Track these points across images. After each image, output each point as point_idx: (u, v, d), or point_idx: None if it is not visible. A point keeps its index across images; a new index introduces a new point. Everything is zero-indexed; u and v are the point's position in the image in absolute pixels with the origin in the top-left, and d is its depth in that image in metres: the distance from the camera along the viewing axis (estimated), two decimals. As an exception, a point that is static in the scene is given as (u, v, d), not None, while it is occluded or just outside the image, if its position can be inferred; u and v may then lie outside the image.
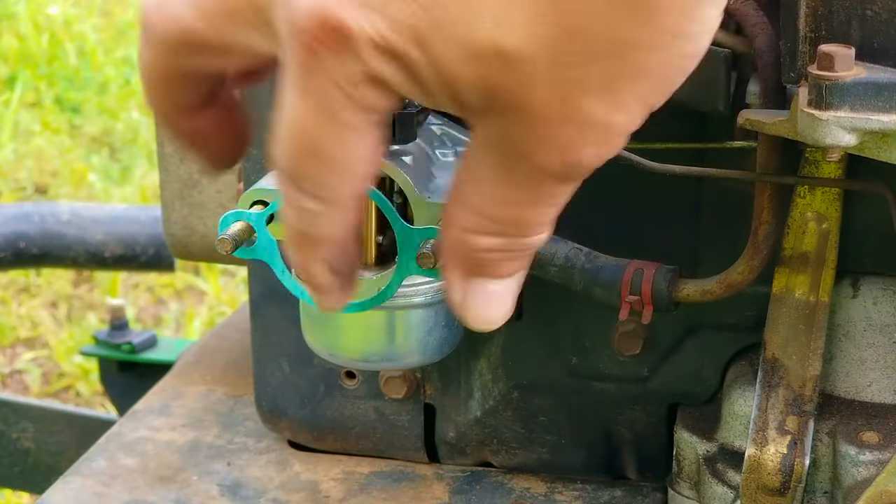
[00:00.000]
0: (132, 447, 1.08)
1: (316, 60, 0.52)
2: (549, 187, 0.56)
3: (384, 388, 1.03)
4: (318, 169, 0.55)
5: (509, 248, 0.58)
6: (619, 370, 0.98)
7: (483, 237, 0.57)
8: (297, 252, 0.60)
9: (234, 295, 3.06)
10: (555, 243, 0.91)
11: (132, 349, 1.56)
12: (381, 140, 0.56)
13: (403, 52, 0.51)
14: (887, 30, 0.77)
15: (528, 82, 0.51)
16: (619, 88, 0.52)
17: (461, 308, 0.60)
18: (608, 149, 0.54)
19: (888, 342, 0.91)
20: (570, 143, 0.53)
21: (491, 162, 0.55)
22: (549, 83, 0.51)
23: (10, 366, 2.88)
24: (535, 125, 0.52)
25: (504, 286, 0.60)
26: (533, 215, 0.57)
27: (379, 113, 0.54)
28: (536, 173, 0.55)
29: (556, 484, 1.03)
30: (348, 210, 0.57)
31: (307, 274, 0.60)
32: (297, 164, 0.55)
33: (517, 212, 0.56)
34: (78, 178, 3.57)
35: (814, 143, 0.75)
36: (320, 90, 0.52)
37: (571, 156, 0.54)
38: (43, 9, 4.59)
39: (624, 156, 0.86)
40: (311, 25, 0.51)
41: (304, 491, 1.03)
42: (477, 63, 0.51)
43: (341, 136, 0.54)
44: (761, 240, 0.86)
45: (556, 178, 0.55)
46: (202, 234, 1.21)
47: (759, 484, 0.86)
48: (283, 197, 0.58)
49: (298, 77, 0.53)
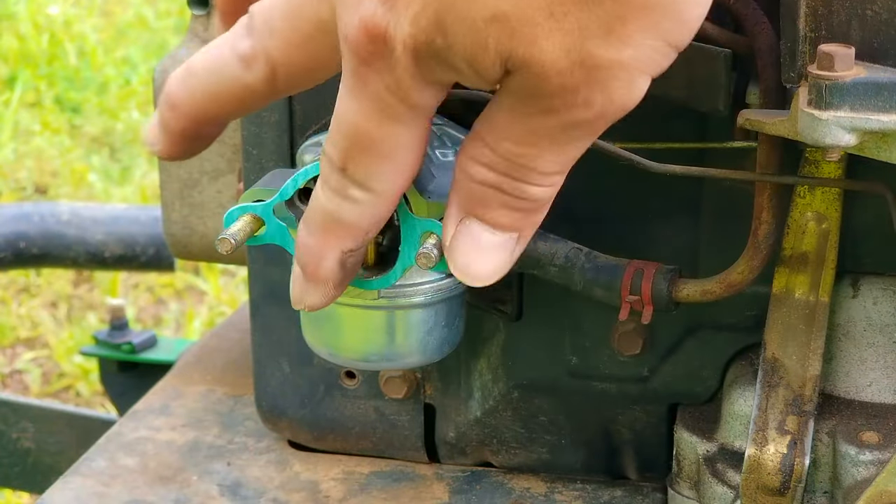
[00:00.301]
0: (132, 447, 1.08)
1: (367, 68, 0.57)
2: (556, 131, 0.58)
3: (384, 388, 1.03)
4: (372, 162, 0.60)
5: (508, 189, 0.60)
6: (619, 370, 0.98)
7: (485, 169, 0.60)
8: (317, 237, 0.63)
9: (234, 295, 3.06)
10: (555, 243, 0.91)
11: (132, 349, 1.56)
12: (428, 131, 0.60)
13: (431, 44, 0.55)
14: (887, 30, 0.77)
15: (531, 40, 0.54)
16: (623, 27, 0.54)
17: (449, 251, 0.63)
18: (626, 90, 0.56)
19: (888, 342, 0.91)
20: (579, 87, 0.56)
21: (507, 104, 0.58)
22: (551, 36, 0.54)
23: (10, 366, 2.88)
24: (547, 77, 0.55)
25: (495, 240, 0.62)
26: (536, 158, 0.59)
27: (428, 107, 0.59)
28: (545, 116, 0.57)
29: (556, 484, 1.03)
30: (389, 202, 0.62)
31: (315, 262, 0.63)
32: (350, 157, 0.60)
33: (521, 150, 0.59)
34: (78, 178, 3.57)
35: (814, 143, 0.75)
36: (375, 93, 0.57)
37: (580, 97, 0.56)
38: (43, 9, 4.59)
39: (624, 156, 0.86)
40: (360, 37, 0.56)
41: (304, 491, 1.03)
42: (486, 34, 0.55)
43: (394, 131, 0.59)
44: (761, 240, 0.86)
45: (565, 123, 0.58)
46: (202, 234, 1.22)
47: (759, 484, 0.86)
48: (326, 184, 0.62)
49: (354, 82, 0.58)
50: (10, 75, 4.16)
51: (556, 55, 0.55)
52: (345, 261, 0.63)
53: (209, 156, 1.19)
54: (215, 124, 0.67)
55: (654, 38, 0.55)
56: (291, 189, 0.71)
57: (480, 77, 0.57)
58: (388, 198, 0.61)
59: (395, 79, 0.57)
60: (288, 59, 0.62)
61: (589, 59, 0.55)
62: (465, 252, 0.63)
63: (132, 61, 4.28)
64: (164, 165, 1.21)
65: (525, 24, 0.54)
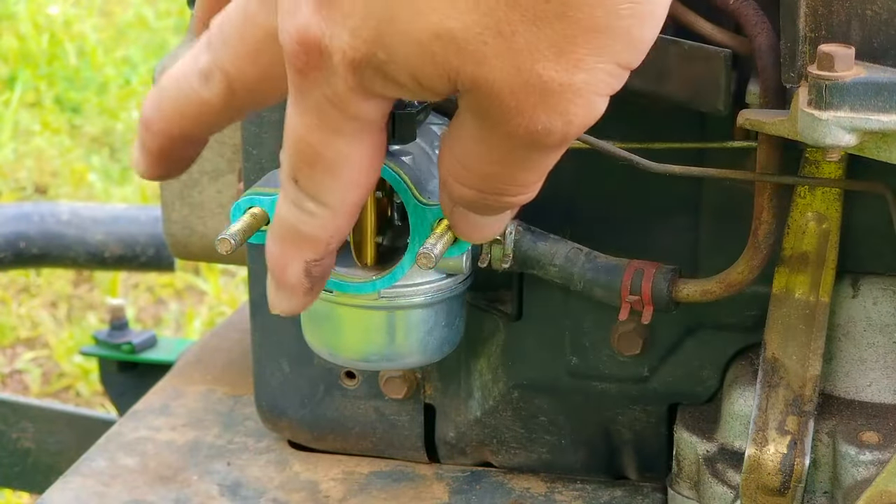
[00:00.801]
0: (132, 447, 1.08)
1: (303, 78, 0.55)
2: (523, 153, 0.57)
3: (384, 388, 1.03)
4: (319, 175, 0.58)
5: (488, 202, 0.60)
6: (619, 370, 0.98)
7: (463, 187, 0.59)
8: (280, 246, 0.62)
9: (234, 295, 3.06)
10: (555, 243, 0.91)
11: (132, 349, 1.55)
12: (380, 144, 0.58)
13: (372, 57, 0.54)
14: (887, 30, 0.77)
15: (481, 59, 0.53)
16: (573, 49, 0.53)
17: None
18: (584, 112, 0.55)
19: (888, 342, 0.91)
20: (535, 111, 0.54)
21: (469, 124, 0.57)
22: (500, 56, 0.53)
23: (10, 366, 2.88)
24: (500, 98, 0.54)
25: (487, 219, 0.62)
26: (510, 178, 0.58)
27: (371, 119, 0.57)
28: (508, 140, 0.56)
29: (556, 484, 1.03)
30: (344, 216, 0.60)
31: (280, 271, 0.62)
32: (300, 169, 0.58)
33: (494, 170, 0.58)
34: (78, 178, 3.57)
35: (814, 143, 0.75)
36: (315, 105, 0.56)
37: (539, 124, 0.54)
38: (43, 9, 4.59)
39: (624, 156, 0.86)
40: (297, 49, 0.54)
41: (304, 491, 1.03)
42: (432, 52, 0.53)
43: (338, 145, 0.57)
44: (761, 240, 0.86)
45: (529, 146, 0.56)
46: (202, 234, 1.22)
47: (759, 484, 0.86)
48: (284, 192, 0.60)
49: (295, 96, 0.56)
50: (10, 75, 4.16)
51: (507, 74, 0.53)
52: (310, 270, 0.61)
53: (209, 156, 1.19)
54: (189, 142, 0.64)
55: (606, 62, 0.53)
56: None
57: (428, 92, 0.55)
58: (343, 212, 0.59)
59: (334, 91, 0.55)
60: (242, 74, 0.59)
61: (540, 83, 0.53)
62: (463, 230, 0.63)
63: (132, 61, 4.28)
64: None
65: (472, 42, 0.52)
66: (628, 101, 0.87)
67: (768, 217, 0.86)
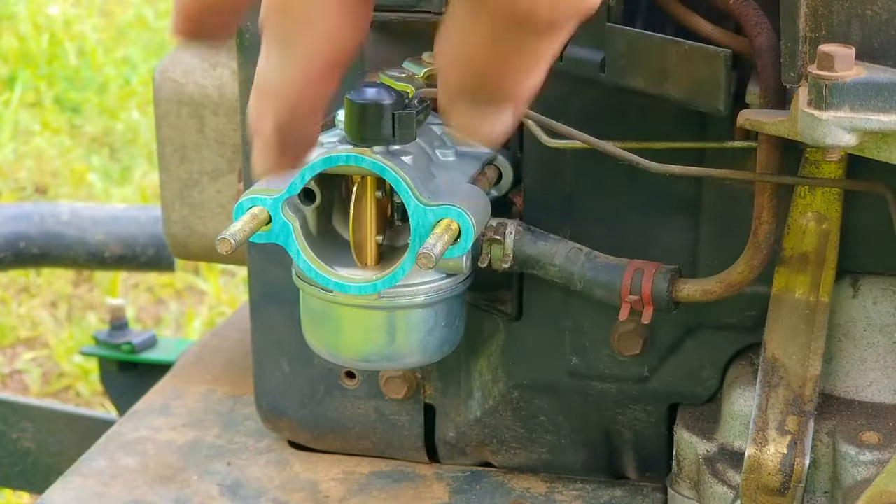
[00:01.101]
0: (132, 447, 1.08)
1: None
2: (513, 36, 0.56)
3: (384, 388, 1.03)
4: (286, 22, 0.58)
5: (487, 89, 0.59)
6: (619, 370, 0.98)
7: (458, 72, 0.58)
8: (254, 97, 0.62)
9: (234, 295, 3.06)
10: (555, 243, 0.91)
11: (132, 349, 1.55)
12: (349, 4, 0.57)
13: None
14: (887, 30, 0.77)
15: None
16: None
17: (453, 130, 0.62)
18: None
19: (888, 342, 0.91)
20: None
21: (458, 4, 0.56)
22: None
23: (10, 366, 2.88)
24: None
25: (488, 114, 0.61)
26: (503, 62, 0.58)
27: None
28: (494, 22, 0.55)
29: (556, 484, 1.03)
30: (308, 69, 0.59)
31: (257, 122, 0.62)
32: (267, 17, 0.58)
33: (486, 55, 0.57)
34: (78, 178, 3.57)
35: (814, 143, 0.75)
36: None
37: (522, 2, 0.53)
38: (43, 9, 4.60)
39: (624, 156, 0.86)
40: None
41: (304, 491, 1.03)
42: None
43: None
44: (761, 240, 0.86)
45: (516, 28, 0.55)
46: (202, 234, 1.22)
47: (759, 484, 0.86)
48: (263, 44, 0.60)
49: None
50: (10, 75, 4.16)
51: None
52: (281, 128, 0.61)
53: (209, 156, 1.19)
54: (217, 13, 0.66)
55: None
56: (299, 184, 0.71)
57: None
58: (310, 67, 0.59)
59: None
60: None
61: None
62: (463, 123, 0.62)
63: (132, 61, 4.29)
64: (165, 165, 1.21)
65: None
66: (628, 101, 0.88)
67: (768, 217, 0.86)
